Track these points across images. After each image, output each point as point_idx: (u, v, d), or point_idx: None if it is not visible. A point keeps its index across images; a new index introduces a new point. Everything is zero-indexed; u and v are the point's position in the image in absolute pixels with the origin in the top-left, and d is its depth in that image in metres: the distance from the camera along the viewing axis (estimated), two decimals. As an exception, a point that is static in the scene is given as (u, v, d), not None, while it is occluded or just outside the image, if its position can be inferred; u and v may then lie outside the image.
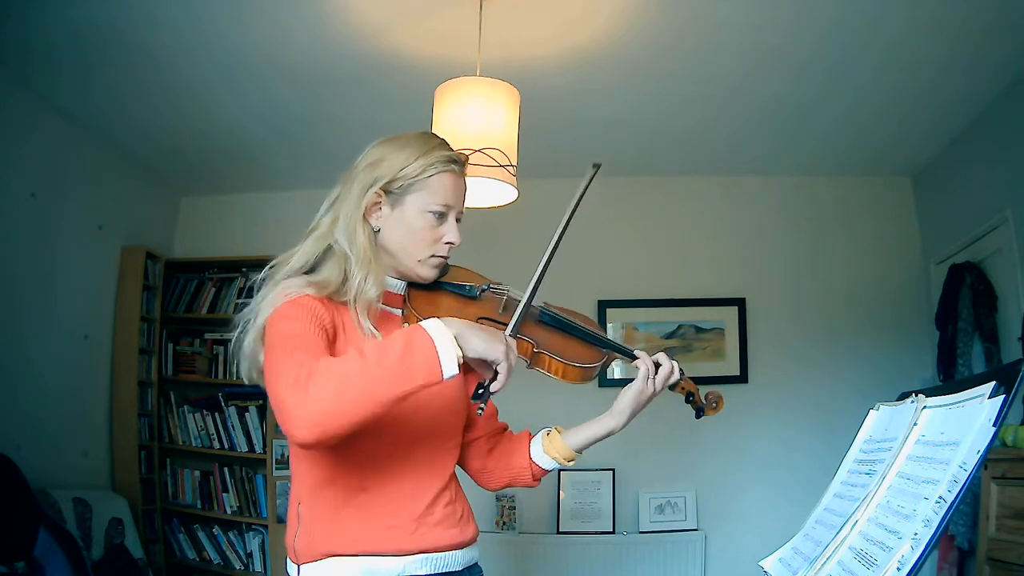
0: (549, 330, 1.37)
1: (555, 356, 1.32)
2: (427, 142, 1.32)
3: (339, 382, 1.03)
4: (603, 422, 1.38)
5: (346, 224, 1.27)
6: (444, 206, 1.30)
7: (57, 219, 3.42)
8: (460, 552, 1.31)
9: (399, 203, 1.29)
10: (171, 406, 4.05)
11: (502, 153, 2.32)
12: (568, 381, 1.34)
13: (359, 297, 1.24)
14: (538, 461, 1.41)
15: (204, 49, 2.91)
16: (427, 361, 1.05)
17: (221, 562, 3.91)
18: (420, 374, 1.05)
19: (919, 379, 3.63)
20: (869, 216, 4.15)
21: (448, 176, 1.31)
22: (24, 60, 2.96)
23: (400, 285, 1.36)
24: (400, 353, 1.05)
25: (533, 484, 1.45)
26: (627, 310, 4.07)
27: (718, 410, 1.42)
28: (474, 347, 1.10)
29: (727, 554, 3.76)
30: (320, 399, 1.02)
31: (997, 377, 0.88)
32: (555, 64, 3.02)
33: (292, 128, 3.62)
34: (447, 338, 1.07)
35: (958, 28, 2.74)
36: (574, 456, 1.40)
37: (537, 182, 3.43)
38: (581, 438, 1.39)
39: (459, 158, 1.34)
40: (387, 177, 1.28)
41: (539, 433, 1.44)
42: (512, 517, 3.81)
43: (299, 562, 1.23)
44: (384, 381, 1.03)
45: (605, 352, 1.39)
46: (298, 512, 1.25)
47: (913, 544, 0.84)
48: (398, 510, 1.24)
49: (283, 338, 1.14)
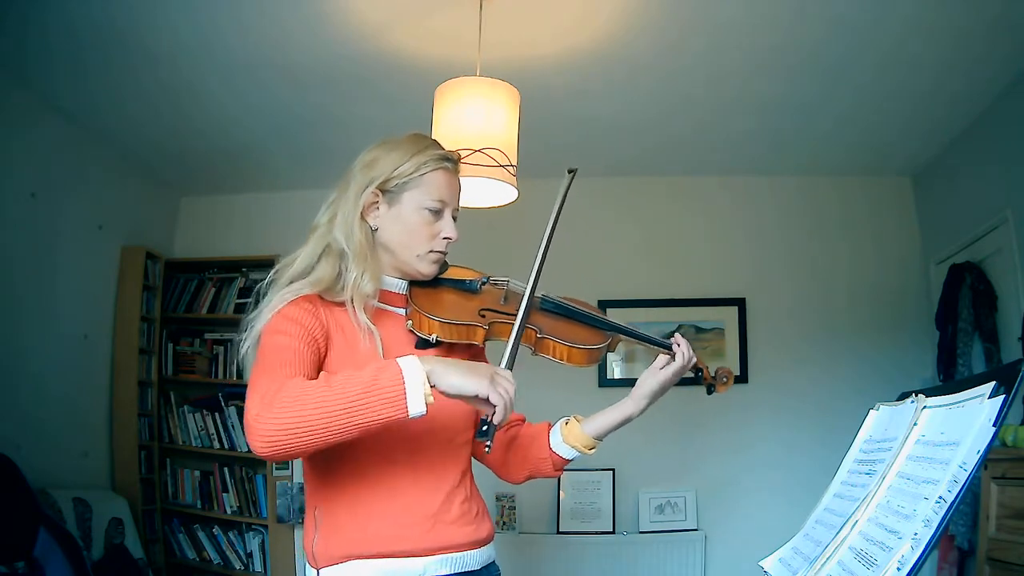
0: (551, 316, 1.40)
1: (559, 340, 1.34)
2: (420, 142, 1.36)
3: (302, 405, 1.04)
4: (622, 407, 1.39)
5: (344, 222, 1.30)
6: (439, 202, 1.33)
7: (57, 219, 3.42)
8: (478, 551, 1.32)
9: (396, 201, 1.32)
10: (171, 406, 4.05)
11: (502, 153, 2.32)
12: (574, 364, 1.35)
13: (356, 292, 1.27)
14: (558, 451, 1.41)
15: (204, 49, 2.90)
16: (393, 397, 1.05)
17: (221, 562, 3.91)
18: (384, 409, 1.05)
19: (919, 379, 3.63)
20: (869, 216, 4.15)
21: (442, 173, 1.34)
22: (24, 60, 2.96)
23: (402, 285, 1.37)
24: (365, 385, 1.05)
25: (555, 474, 1.44)
26: (627, 310, 4.06)
27: (728, 385, 1.43)
28: (451, 383, 1.09)
29: (727, 554, 3.76)
30: (280, 418, 1.04)
31: (997, 377, 0.88)
32: (555, 64, 3.02)
33: (292, 128, 3.62)
34: (417, 376, 1.06)
35: (958, 29, 2.74)
36: (594, 444, 1.40)
37: (537, 182, 3.42)
38: (599, 425, 1.39)
39: (452, 156, 1.38)
40: (383, 176, 1.31)
41: (557, 423, 1.44)
42: (512, 517, 3.81)
43: (318, 566, 1.24)
44: (346, 411, 1.04)
45: (609, 334, 1.40)
46: (315, 516, 1.26)
47: (913, 544, 0.84)
48: (413, 508, 1.25)
49: (268, 352, 1.19)
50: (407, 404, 1.05)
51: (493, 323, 1.34)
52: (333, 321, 1.26)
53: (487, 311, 1.35)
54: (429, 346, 1.33)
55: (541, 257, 1.37)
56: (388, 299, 1.35)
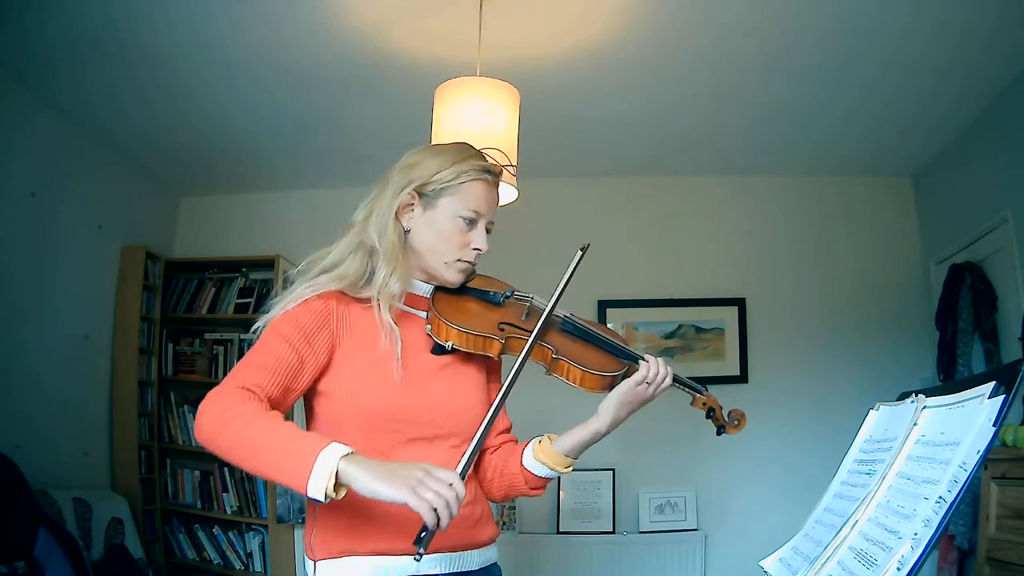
0: (570, 338, 1.39)
1: (574, 363, 1.33)
2: (464, 151, 1.37)
3: (226, 432, 1.10)
4: (589, 424, 1.35)
5: (378, 220, 1.32)
6: (475, 212, 1.34)
7: (57, 219, 3.42)
8: (477, 552, 1.31)
9: (432, 206, 1.33)
10: (171, 406, 4.05)
11: (502, 153, 2.31)
12: (586, 389, 1.35)
13: (383, 291, 1.28)
14: (529, 468, 1.37)
15: (203, 49, 2.90)
16: (297, 474, 1.05)
17: (221, 562, 3.91)
18: (288, 479, 1.07)
19: (919, 379, 3.63)
20: (869, 216, 4.15)
21: (481, 184, 1.35)
22: (23, 60, 2.96)
23: (427, 288, 1.38)
24: (280, 450, 1.07)
25: (531, 493, 1.39)
26: (627, 310, 4.07)
27: (740, 428, 1.41)
28: (365, 487, 1.04)
29: (727, 554, 3.76)
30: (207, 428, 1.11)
31: (997, 377, 0.89)
32: (555, 64, 3.01)
33: (292, 128, 3.62)
34: (326, 469, 1.03)
35: (958, 29, 2.74)
36: (567, 462, 1.36)
37: (537, 182, 3.43)
38: (568, 443, 1.35)
39: (494, 169, 1.38)
40: (421, 179, 1.33)
41: (532, 440, 1.41)
42: (512, 517, 3.81)
43: (315, 559, 1.26)
44: (254, 457, 1.09)
45: (626, 363, 1.39)
46: (315, 510, 1.27)
47: (913, 544, 0.84)
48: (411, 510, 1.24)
49: (261, 346, 1.22)
50: (307, 487, 1.04)
51: (510, 338, 1.33)
52: (349, 320, 1.27)
53: (507, 325, 1.35)
54: (444, 352, 1.32)
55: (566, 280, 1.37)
56: (413, 302, 1.36)
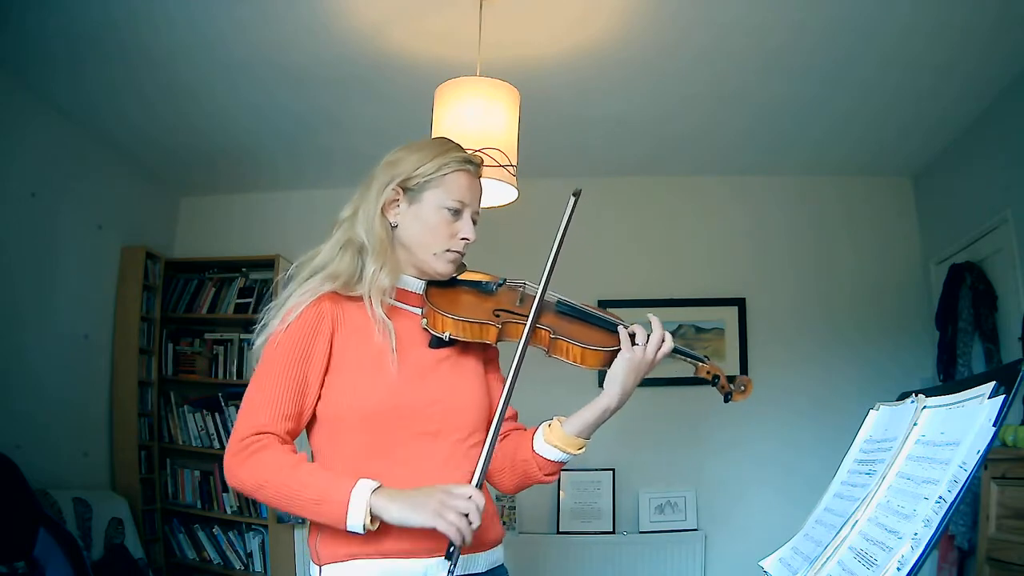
0: (565, 318, 1.40)
1: (573, 341, 1.34)
2: (443, 144, 1.40)
3: (265, 482, 1.18)
4: (595, 403, 1.33)
5: (365, 217, 1.34)
6: (459, 203, 1.36)
7: (57, 219, 3.42)
8: (482, 554, 1.32)
9: (416, 200, 1.35)
10: (171, 406, 4.05)
11: (502, 153, 2.32)
12: (588, 366, 1.35)
13: (373, 286, 1.29)
14: (541, 452, 1.34)
15: (203, 49, 2.91)
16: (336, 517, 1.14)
17: (221, 562, 3.91)
18: (327, 521, 1.16)
19: (919, 379, 3.63)
20: (869, 216, 4.15)
21: (463, 175, 1.37)
22: (24, 60, 2.96)
23: (419, 284, 1.39)
24: (315, 497, 1.15)
25: (545, 480, 1.38)
26: (627, 310, 4.00)
27: (747, 394, 1.39)
28: (394, 516, 1.14)
29: (727, 554, 3.76)
30: (246, 477, 1.19)
31: (997, 377, 0.88)
32: (555, 64, 3.01)
33: (292, 128, 3.62)
34: (361, 505, 1.13)
35: (958, 29, 2.74)
36: (579, 443, 1.34)
37: (537, 182, 3.43)
38: (578, 422, 1.33)
39: (474, 159, 1.41)
40: (404, 174, 1.35)
41: (540, 425, 1.39)
42: (512, 517, 3.81)
43: (321, 563, 1.26)
44: (295, 506, 1.18)
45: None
46: None
47: (913, 544, 0.84)
48: None
49: (266, 369, 1.27)
50: (347, 524, 1.14)
51: (507, 323, 1.34)
52: (343, 319, 1.29)
53: (502, 311, 1.36)
54: (443, 344, 1.33)
55: (552, 261, 1.36)
56: (405, 298, 1.37)
